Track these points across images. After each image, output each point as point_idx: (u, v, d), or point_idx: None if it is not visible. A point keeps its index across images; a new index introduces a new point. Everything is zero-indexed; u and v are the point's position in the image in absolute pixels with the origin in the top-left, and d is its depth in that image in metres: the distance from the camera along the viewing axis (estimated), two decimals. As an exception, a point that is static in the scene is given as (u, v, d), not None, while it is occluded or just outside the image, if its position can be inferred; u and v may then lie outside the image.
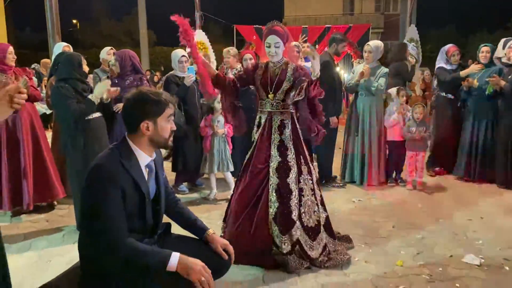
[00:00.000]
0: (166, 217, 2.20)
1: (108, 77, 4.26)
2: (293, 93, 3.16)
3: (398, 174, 5.19)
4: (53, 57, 5.06)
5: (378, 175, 5.01)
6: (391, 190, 4.93)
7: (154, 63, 22.31)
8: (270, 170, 3.09)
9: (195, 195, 4.79)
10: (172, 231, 2.23)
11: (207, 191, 4.77)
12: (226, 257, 2.09)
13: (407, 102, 5.29)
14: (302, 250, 2.99)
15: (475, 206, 4.37)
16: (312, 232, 3.07)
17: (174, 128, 1.95)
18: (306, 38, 5.86)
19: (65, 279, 1.94)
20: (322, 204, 3.25)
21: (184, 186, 4.89)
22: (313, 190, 3.15)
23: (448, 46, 5.50)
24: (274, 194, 3.05)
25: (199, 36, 11.09)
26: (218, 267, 2.06)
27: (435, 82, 7.58)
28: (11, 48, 3.85)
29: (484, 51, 5.11)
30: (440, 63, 5.54)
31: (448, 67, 5.42)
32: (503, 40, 5.25)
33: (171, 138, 1.97)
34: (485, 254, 3.23)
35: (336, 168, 5.34)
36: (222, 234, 3.25)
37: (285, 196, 3.05)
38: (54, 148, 4.43)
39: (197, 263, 1.79)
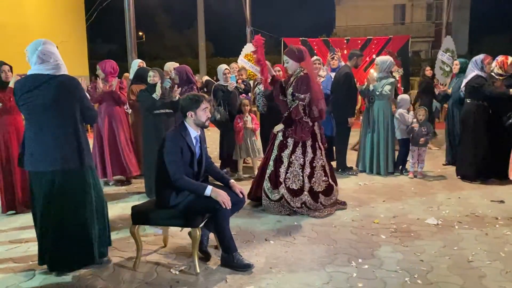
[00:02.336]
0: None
1: (177, 86, 5.66)
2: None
3: (404, 165, 6.21)
4: (131, 70, 6.65)
5: (385, 166, 6.07)
6: (395, 178, 5.96)
7: (212, 72, 24.05)
8: (275, 144, 4.52)
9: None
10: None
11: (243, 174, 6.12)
12: (241, 196, 3.37)
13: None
14: (286, 201, 4.41)
15: (460, 191, 5.32)
16: (293, 192, 4.43)
17: (209, 115, 3.28)
18: (334, 55, 7.11)
19: (146, 203, 3.34)
20: (310, 178, 4.50)
21: (226, 170, 6.23)
22: (302, 165, 4.46)
23: (483, 55, 5.80)
24: (272, 162, 4.52)
25: (249, 49, 12.57)
26: (236, 203, 3.33)
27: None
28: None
29: (455, 63, 6.48)
30: (474, 71, 5.68)
31: (484, 75, 5.69)
32: None
33: (208, 121, 3.30)
34: (444, 218, 4.27)
35: (354, 161, 6.48)
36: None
37: (278, 165, 4.50)
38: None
39: (222, 191, 3.11)
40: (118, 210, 4.71)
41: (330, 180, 4.63)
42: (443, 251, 3.52)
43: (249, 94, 6.76)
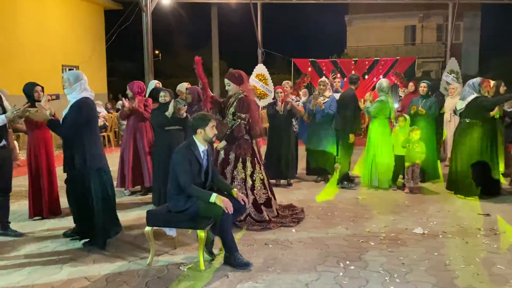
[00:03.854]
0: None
1: (184, 105, 6.18)
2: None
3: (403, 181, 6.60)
4: (148, 90, 7.22)
5: (383, 180, 6.47)
6: (392, 192, 6.34)
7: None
8: (218, 162, 4.91)
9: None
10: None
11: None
12: (243, 203, 3.83)
13: None
14: None
15: (450, 205, 5.67)
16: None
17: (216, 132, 3.77)
18: (335, 76, 7.59)
19: (160, 208, 3.82)
20: (252, 190, 4.83)
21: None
22: (244, 180, 4.82)
23: (479, 79, 6.14)
24: None
25: (260, 69, 13.15)
26: (238, 209, 3.79)
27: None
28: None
29: (422, 86, 6.92)
30: (473, 94, 5.94)
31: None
32: None
33: (215, 137, 3.79)
34: (431, 229, 4.65)
35: (354, 175, 6.90)
36: None
37: None
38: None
39: (225, 198, 3.57)
40: (134, 216, 5.19)
41: (269, 193, 4.97)
42: (424, 256, 3.91)
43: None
